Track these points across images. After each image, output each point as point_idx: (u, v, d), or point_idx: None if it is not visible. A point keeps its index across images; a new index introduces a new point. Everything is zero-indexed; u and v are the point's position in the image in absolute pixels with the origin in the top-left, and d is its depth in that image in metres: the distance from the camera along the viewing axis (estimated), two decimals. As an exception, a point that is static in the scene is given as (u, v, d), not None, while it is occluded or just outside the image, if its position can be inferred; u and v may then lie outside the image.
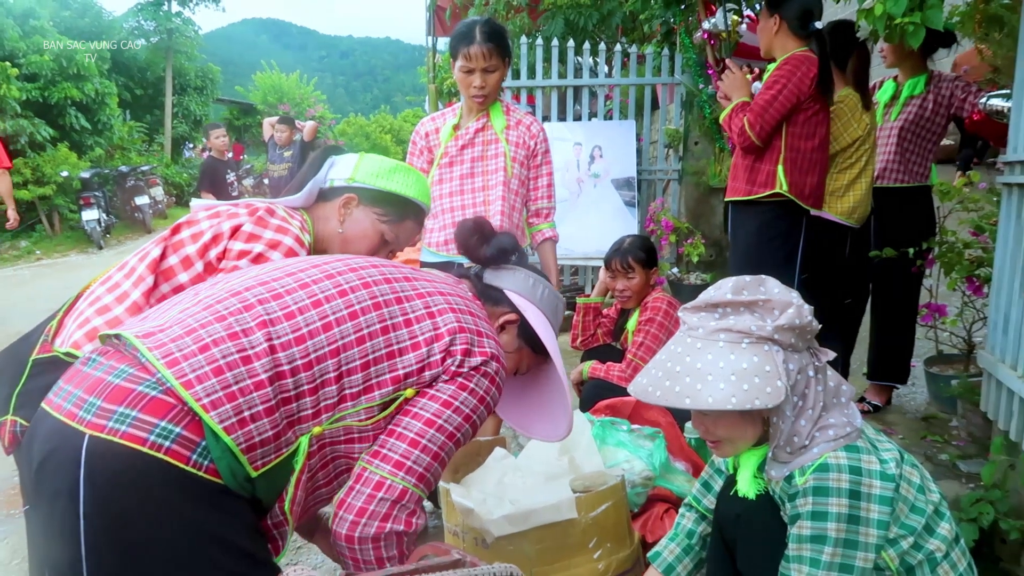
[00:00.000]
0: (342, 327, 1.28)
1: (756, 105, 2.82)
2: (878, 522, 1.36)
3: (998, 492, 2.37)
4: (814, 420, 1.39)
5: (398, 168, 1.78)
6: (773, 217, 2.90)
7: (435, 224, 2.68)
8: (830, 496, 1.35)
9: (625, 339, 3.06)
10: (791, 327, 1.36)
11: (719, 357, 1.36)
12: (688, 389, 1.36)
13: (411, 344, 1.34)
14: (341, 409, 1.29)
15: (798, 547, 1.37)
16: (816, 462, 1.38)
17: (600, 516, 1.81)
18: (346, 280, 1.35)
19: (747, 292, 1.39)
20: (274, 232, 1.57)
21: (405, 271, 1.46)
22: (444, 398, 1.35)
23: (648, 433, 2.27)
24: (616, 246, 3.04)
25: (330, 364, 1.26)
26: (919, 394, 3.71)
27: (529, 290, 1.58)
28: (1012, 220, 2.48)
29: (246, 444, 1.17)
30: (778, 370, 1.34)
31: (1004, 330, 2.45)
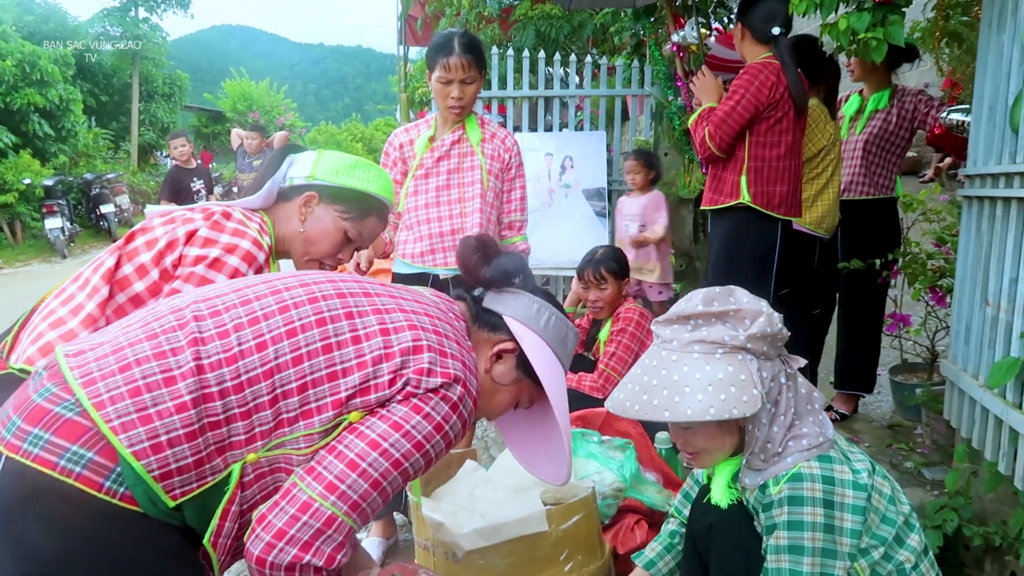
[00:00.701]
0: (277, 346, 1.18)
1: (716, 116, 2.82)
2: (851, 531, 1.37)
3: (961, 499, 2.40)
4: (787, 427, 1.41)
5: (358, 164, 1.74)
6: (742, 226, 2.89)
7: (410, 235, 2.66)
8: (805, 505, 1.36)
9: (597, 349, 3.06)
10: (763, 335, 1.38)
11: (695, 368, 1.37)
12: (666, 402, 1.37)
13: (356, 363, 1.22)
14: (278, 435, 1.18)
15: (776, 558, 1.38)
16: (790, 472, 1.39)
17: (571, 528, 1.80)
18: (292, 296, 1.25)
19: (717, 303, 1.41)
20: (230, 236, 1.53)
21: (370, 287, 1.34)
22: (394, 419, 1.22)
23: (619, 444, 2.27)
24: (588, 257, 3.05)
25: (263, 386, 1.16)
26: (885, 402, 3.77)
27: (532, 317, 1.42)
28: (972, 232, 2.52)
29: (160, 471, 1.09)
30: (753, 378, 1.36)
31: (966, 340, 2.49)
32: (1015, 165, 2.18)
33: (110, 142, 17.07)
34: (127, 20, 18.06)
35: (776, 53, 2.82)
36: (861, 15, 2.51)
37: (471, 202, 2.60)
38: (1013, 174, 2.19)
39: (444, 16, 7.43)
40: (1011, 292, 2.17)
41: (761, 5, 2.85)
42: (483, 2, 7.16)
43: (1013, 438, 2.06)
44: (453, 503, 1.90)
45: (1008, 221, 2.22)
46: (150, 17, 18.69)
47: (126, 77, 18.31)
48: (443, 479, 2.14)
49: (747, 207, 2.85)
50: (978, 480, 2.43)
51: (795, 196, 2.92)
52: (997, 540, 2.21)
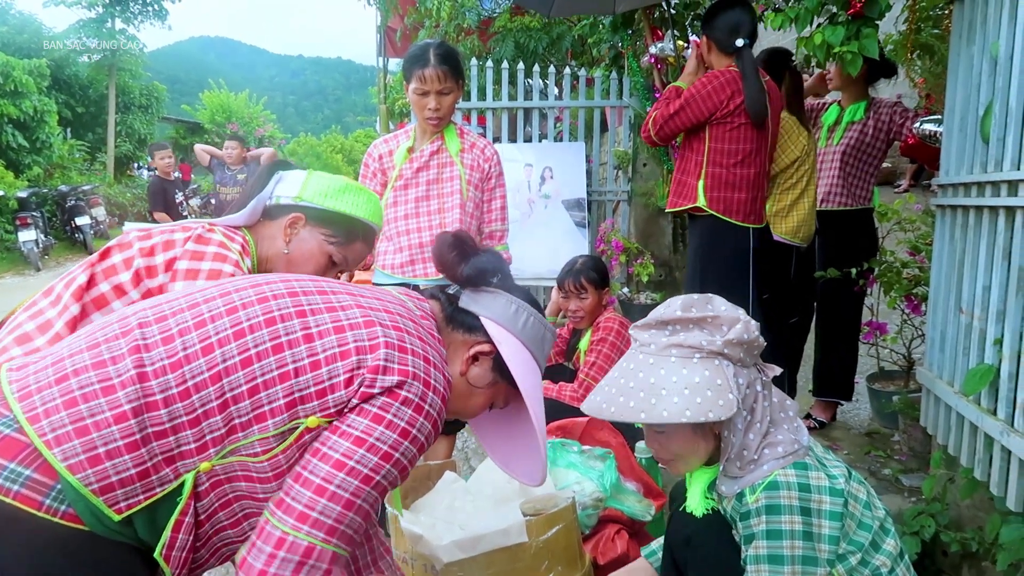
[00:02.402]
0: (225, 348, 1.13)
1: (667, 108, 2.88)
2: (830, 537, 1.38)
3: (938, 505, 2.42)
4: (762, 434, 1.42)
5: (348, 188, 1.71)
6: (713, 233, 2.92)
7: (389, 246, 2.65)
8: (782, 514, 1.36)
9: (577, 359, 3.06)
10: (739, 342, 1.39)
11: (672, 372, 1.38)
12: (642, 404, 1.37)
13: (309, 363, 1.16)
14: (231, 441, 1.13)
15: (756, 568, 1.38)
16: (766, 480, 1.39)
17: (551, 539, 1.79)
18: (241, 297, 1.20)
19: (696, 309, 1.42)
20: (211, 262, 1.50)
21: (327, 285, 1.29)
22: (356, 434, 1.15)
23: (599, 454, 2.26)
24: (568, 267, 3.05)
25: (211, 391, 1.11)
26: (862, 410, 3.79)
27: (510, 318, 1.37)
28: (946, 241, 2.55)
29: (100, 484, 1.04)
30: (729, 383, 1.37)
31: (941, 347, 2.52)
32: (986, 175, 2.21)
33: (86, 154, 16.90)
34: (103, 31, 17.91)
35: (739, 64, 2.84)
36: (836, 29, 2.54)
37: (450, 212, 2.59)
38: (985, 183, 2.22)
39: (423, 28, 7.45)
40: (984, 300, 2.20)
41: (723, 16, 2.88)
42: (462, 14, 7.18)
43: (988, 444, 2.08)
44: (432, 515, 1.88)
45: (980, 230, 2.25)
46: (127, 28, 18.55)
47: (102, 88, 18.16)
48: (422, 491, 2.12)
49: (713, 215, 2.88)
50: (954, 486, 2.44)
51: (754, 204, 2.92)
52: (974, 546, 2.23)
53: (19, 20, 17.36)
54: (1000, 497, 2.02)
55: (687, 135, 2.96)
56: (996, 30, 2.16)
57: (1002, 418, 2.01)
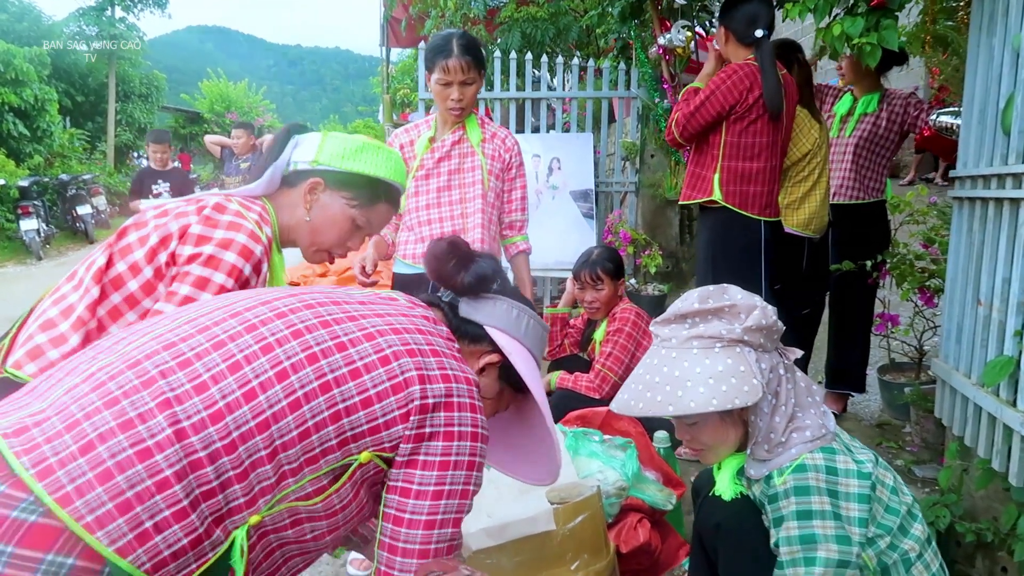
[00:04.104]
0: (269, 392, 1.04)
1: (687, 106, 2.88)
2: (859, 520, 1.39)
3: (953, 496, 2.43)
4: (788, 416, 1.44)
5: (366, 147, 1.63)
6: (725, 226, 2.93)
7: (410, 236, 2.66)
8: (812, 495, 1.38)
9: (592, 349, 3.07)
10: (759, 328, 1.41)
11: (695, 363, 1.40)
12: (669, 397, 1.39)
13: (360, 400, 1.10)
14: (281, 488, 1.05)
15: (789, 550, 1.39)
16: (794, 463, 1.41)
17: (577, 527, 1.80)
18: (271, 330, 1.10)
19: (712, 300, 1.44)
20: (225, 230, 1.45)
21: (350, 307, 1.21)
22: (431, 489, 1.14)
23: (619, 443, 2.27)
24: (584, 258, 3.06)
25: (259, 440, 1.02)
26: (873, 401, 3.81)
27: (513, 324, 1.35)
28: (963, 233, 2.55)
29: (152, 562, 0.94)
30: (752, 369, 1.39)
31: (957, 339, 2.52)
32: (1006, 167, 2.21)
33: (86, 143, 16.84)
34: (103, 19, 17.82)
35: (758, 56, 2.84)
36: (855, 20, 2.54)
37: (472, 203, 2.60)
38: (1005, 175, 2.22)
39: (429, 18, 7.42)
40: (1003, 292, 2.20)
41: (743, 8, 2.87)
42: (468, 4, 7.15)
43: (1007, 435, 2.09)
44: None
45: (1000, 222, 2.25)
46: (126, 17, 18.46)
47: (102, 77, 18.08)
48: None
49: (726, 207, 2.88)
50: (969, 477, 2.46)
51: (770, 197, 2.94)
52: (989, 536, 2.24)
53: (18, 8, 17.26)
54: (1019, 488, 2.03)
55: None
56: (1018, 22, 2.16)
57: (1022, 409, 2.01)
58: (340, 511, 1.13)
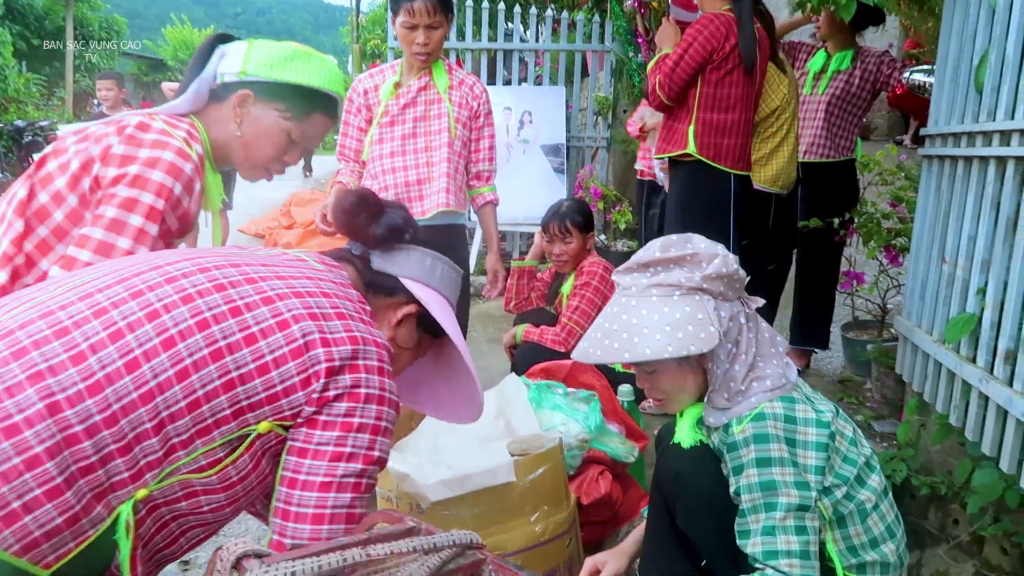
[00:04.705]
0: (154, 361, 0.97)
1: (665, 66, 2.85)
2: (815, 468, 1.40)
3: (911, 451, 2.47)
4: (749, 365, 1.44)
5: (297, 54, 1.53)
6: (695, 180, 2.92)
7: (374, 184, 2.58)
8: (771, 442, 1.38)
9: (560, 303, 3.05)
10: (719, 275, 1.40)
11: (653, 310, 1.40)
12: (626, 344, 1.40)
13: (256, 367, 1.04)
14: (171, 462, 1.00)
15: (750, 497, 1.39)
16: (753, 411, 1.41)
17: (538, 479, 1.79)
18: (159, 296, 1.03)
19: (674, 249, 1.43)
20: (150, 149, 1.36)
21: (251, 269, 1.13)
22: (331, 450, 1.08)
23: (583, 396, 2.26)
24: (554, 210, 3.02)
25: (143, 412, 0.96)
26: (836, 358, 3.86)
27: (427, 273, 1.33)
28: (931, 191, 2.55)
29: (20, 543, 0.88)
30: (710, 317, 1.38)
31: (921, 297, 2.54)
32: (977, 124, 2.20)
33: (43, 88, 16.28)
34: (59, -42, 17.11)
35: (735, 8, 2.82)
36: (832, -30, 2.50)
37: (438, 151, 2.52)
38: (975, 133, 2.21)
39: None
40: (969, 250, 2.21)
41: None
42: (440, -50, 6.94)
43: (966, 391, 2.11)
44: (417, 454, 1.87)
45: (969, 180, 2.24)
46: (84, -45, 17.75)
47: (59, 20, 17.42)
48: (406, 430, 2.10)
49: (698, 161, 2.87)
50: (926, 432, 2.50)
51: (744, 150, 2.94)
52: (943, 489, 2.28)
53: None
54: (975, 442, 2.06)
55: None
56: (995, -23, 2.13)
57: (981, 366, 2.03)
58: (238, 483, 1.08)
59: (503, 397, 2.13)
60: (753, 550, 1.36)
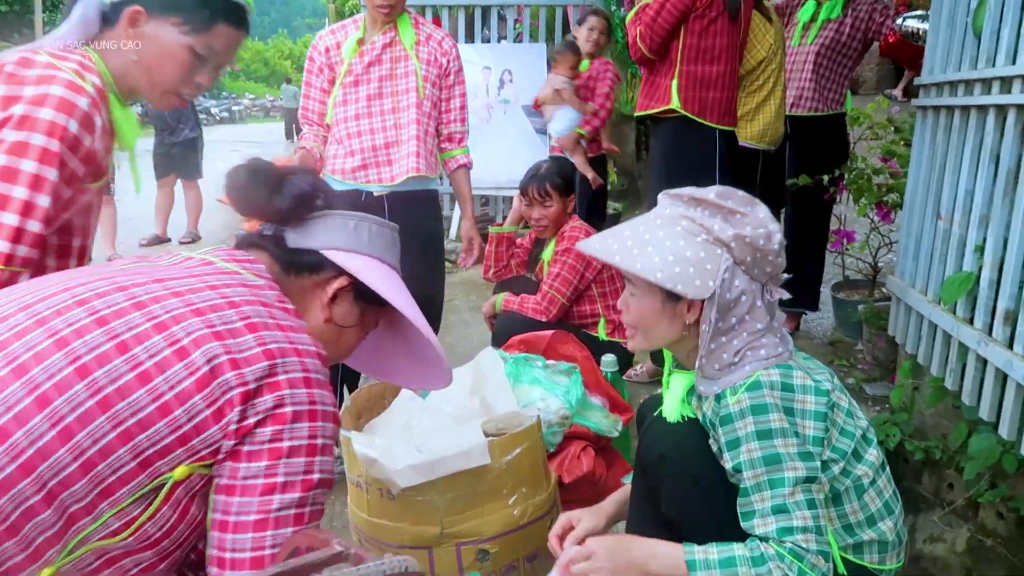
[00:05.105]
0: (29, 426, 0.84)
1: (646, 16, 2.71)
2: (814, 439, 1.31)
3: (904, 415, 2.40)
4: (746, 343, 1.34)
5: None
6: (680, 137, 2.81)
7: (339, 149, 2.42)
8: (770, 412, 1.29)
9: (540, 270, 2.93)
10: (753, 245, 1.30)
11: (669, 237, 1.33)
12: (624, 249, 1.34)
13: (157, 408, 0.90)
14: (76, 532, 0.88)
15: (754, 473, 1.29)
16: (748, 380, 1.31)
17: (514, 460, 1.69)
18: (28, 344, 0.88)
19: (731, 201, 1.33)
20: (35, 85, 1.23)
21: (140, 290, 0.98)
22: (261, 483, 0.95)
23: (564, 369, 2.16)
24: (532, 172, 2.88)
25: (26, 486, 0.83)
26: (826, 319, 3.78)
27: (352, 238, 1.18)
28: (926, 144, 2.45)
29: None
30: (718, 273, 1.30)
31: (914, 255, 2.45)
32: (975, 71, 2.09)
33: (12, 56, 15.83)
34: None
35: None
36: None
37: (406, 112, 2.37)
38: (973, 81, 2.10)
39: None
40: (965, 205, 2.12)
41: None
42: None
43: (962, 353, 2.03)
44: (387, 436, 1.77)
45: (966, 131, 2.14)
46: (50, -84, 17.14)
47: (26, -15, 16.89)
48: (378, 410, 2.00)
49: (683, 117, 2.75)
50: (920, 395, 2.43)
51: (730, 104, 2.82)
52: (937, 454, 2.23)
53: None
54: (971, 407, 1.98)
55: None
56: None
57: (979, 327, 1.95)
58: (163, 538, 0.95)
59: (479, 372, 2.02)
60: (765, 530, 1.26)
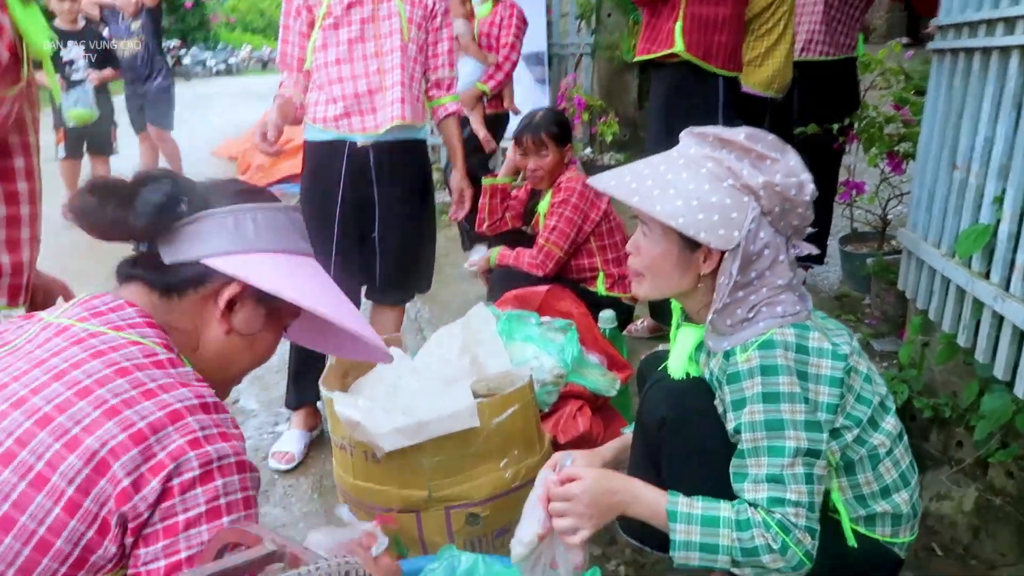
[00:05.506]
0: None
1: None
2: (828, 405, 1.22)
3: (914, 371, 2.33)
4: (764, 298, 1.25)
5: None
6: (680, 81, 2.69)
7: (320, 96, 2.29)
8: (780, 375, 1.20)
9: (536, 223, 2.83)
10: (782, 194, 1.20)
11: (693, 180, 1.23)
12: (643, 188, 1.24)
13: (34, 546, 0.82)
14: None
15: (752, 436, 1.21)
16: (761, 338, 1.22)
17: (506, 422, 1.61)
18: None
19: (761, 145, 1.22)
20: None
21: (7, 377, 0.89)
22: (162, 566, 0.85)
23: (559, 326, 2.07)
24: (526, 121, 2.76)
25: None
26: (832, 273, 3.71)
27: (234, 237, 1.03)
28: (942, 90, 2.33)
29: None
30: (744, 224, 1.20)
31: (928, 207, 2.34)
32: (996, 10, 1.96)
33: None
34: None
35: None
36: None
37: (389, 56, 2.24)
38: (995, 20, 1.97)
39: None
40: (984, 154, 2.01)
41: None
42: None
43: (977, 310, 1.94)
44: (372, 397, 1.69)
45: (986, 75, 2.02)
46: None
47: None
48: (364, 369, 1.92)
49: (686, 63, 2.62)
50: (930, 352, 2.35)
51: (736, 49, 2.69)
52: (947, 412, 2.17)
53: None
54: (985, 364, 1.90)
55: None
56: None
57: (996, 282, 1.86)
58: None
59: (469, 330, 1.94)
60: (754, 495, 1.19)
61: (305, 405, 2.43)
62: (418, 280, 2.55)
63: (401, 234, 2.37)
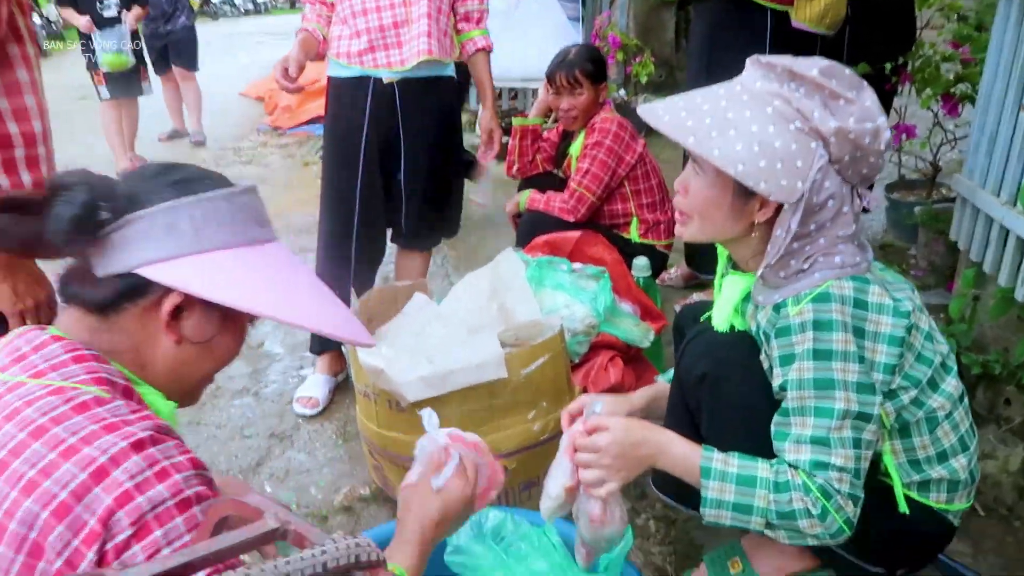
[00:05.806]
0: None
1: None
2: (885, 365, 1.13)
3: (964, 326, 2.23)
4: (821, 249, 1.15)
5: None
6: (724, 16, 2.56)
7: (344, 30, 2.19)
8: (835, 331, 1.11)
9: (568, 166, 2.72)
10: (855, 141, 1.09)
11: (756, 121, 1.10)
12: (700, 128, 1.11)
13: None
14: None
15: (799, 395, 1.13)
16: (816, 290, 1.12)
17: (535, 373, 1.55)
18: None
19: (836, 82, 1.09)
20: None
21: None
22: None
23: (591, 273, 1.99)
24: (560, 58, 2.62)
25: None
26: (876, 221, 3.57)
27: (168, 240, 0.91)
28: (1010, 25, 2.16)
29: None
30: (810, 174, 1.09)
31: (988, 152, 2.21)
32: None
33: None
34: None
35: None
36: None
37: None
38: (1077, -55, 1.80)
39: None
40: (1056, 93, 1.86)
41: None
42: None
43: (1039, 262, 1.82)
44: (396, 344, 1.63)
45: (1063, 5, 1.86)
46: None
47: None
48: (389, 315, 1.85)
49: None
50: (981, 306, 2.24)
51: None
52: (996, 368, 2.07)
53: None
54: (1045, 321, 1.79)
55: None
56: None
57: (1062, 233, 1.73)
58: None
59: (497, 276, 1.86)
60: (796, 457, 1.12)
61: (329, 350, 2.39)
62: (445, 224, 2.47)
63: (428, 176, 2.28)
